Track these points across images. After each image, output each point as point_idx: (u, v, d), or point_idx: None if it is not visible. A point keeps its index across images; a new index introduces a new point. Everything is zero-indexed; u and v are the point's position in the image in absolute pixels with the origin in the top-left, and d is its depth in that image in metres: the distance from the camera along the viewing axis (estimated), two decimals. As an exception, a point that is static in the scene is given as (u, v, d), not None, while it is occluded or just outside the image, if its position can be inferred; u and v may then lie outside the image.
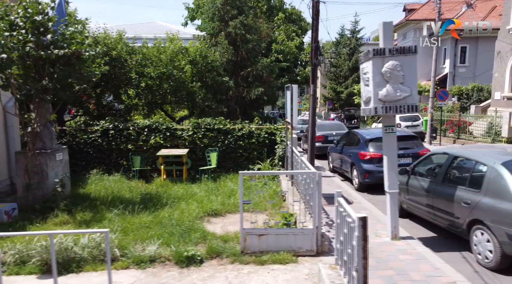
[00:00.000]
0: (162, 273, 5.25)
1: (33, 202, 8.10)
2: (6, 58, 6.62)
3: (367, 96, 6.10)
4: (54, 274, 3.89)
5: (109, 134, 11.18)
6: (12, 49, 6.77)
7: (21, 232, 5.69)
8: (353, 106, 39.41)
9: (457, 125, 21.98)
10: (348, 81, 44.06)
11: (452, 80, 32.33)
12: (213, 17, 15.16)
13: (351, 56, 45.22)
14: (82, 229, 6.39)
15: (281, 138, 11.02)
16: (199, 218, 7.49)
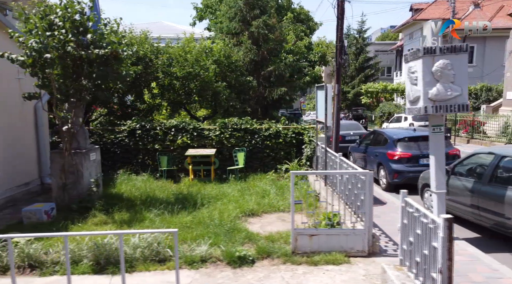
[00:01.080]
0: (216, 273, 5.22)
1: (69, 201, 8.11)
2: (50, 57, 6.62)
3: (415, 95, 6.04)
4: (123, 272, 3.86)
5: (136, 134, 11.18)
6: (54, 49, 6.76)
7: (90, 232, 5.68)
8: (361, 106, 39.24)
9: (471, 125, 21.84)
10: (355, 81, 43.93)
11: None
12: (234, 16, 15.14)
13: (357, 56, 45.08)
14: (142, 229, 6.37)
15: (309, 138, 10.96)
16: (237, 218, 7.47)
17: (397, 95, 37.51)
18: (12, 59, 6.89)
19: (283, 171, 11.04)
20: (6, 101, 8.61)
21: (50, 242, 5.82)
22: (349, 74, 44.83)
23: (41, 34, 6.76)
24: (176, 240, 3.95)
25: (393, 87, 36.42)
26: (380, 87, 37.03)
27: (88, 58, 7.15)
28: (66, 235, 3.96)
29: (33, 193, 9.60)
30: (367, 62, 44.80)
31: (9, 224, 7.39)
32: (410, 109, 6.34)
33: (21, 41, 6.74)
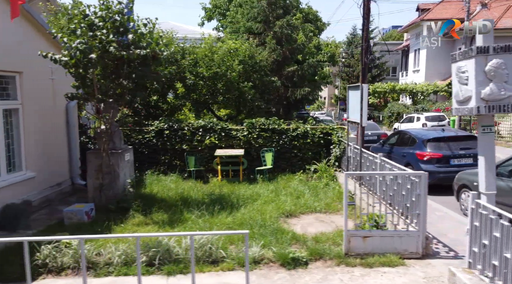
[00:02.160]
0: (271, 275, 5.19)
1: (105, 202, 8.11)
2: (94, 58, 6.62)
3: (465, 95, 5.96)
4: (193, 273, 3.82)
5: (164, 135, 11.17)
6: (96, 50, 6.76)
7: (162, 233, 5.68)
8: (368, 107, 38.99)
9: None
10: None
11: None
12: (256, 16, 15.10)
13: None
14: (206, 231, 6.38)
15: (338, 138, 10.90)
16: (277, 219, 7.42)
17: (404, 95, 37.28)
18: (55, 60, 6.89)
19: (312, 171, 10.99)
20: (40, 101, 8.62)
21: (101, 243, 5.80)
22: (355, 75, 44.70)
23: (84, 35, 6.75)
24: (247, 242, 3.92)
25: (401, 88, 36.21)
26: (389, 88, 36.84)
27: (129, 58, 7.13)
28: (138, 236, 3.93)
29: (65, 193, 9.61)
30: (374, 62, 44.62)
31: (50, 225, 7.40)
32: (459, 109, 6.26)
33: (66, 41, 6.73)
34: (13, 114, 7.91)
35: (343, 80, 46.14)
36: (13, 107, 7.87)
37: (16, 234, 6.94)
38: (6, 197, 7.39)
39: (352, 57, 45.38)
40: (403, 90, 36.58)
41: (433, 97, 33.18)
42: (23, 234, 6.93)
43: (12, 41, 7.67)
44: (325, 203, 8.41)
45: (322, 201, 8.50)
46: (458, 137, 11.01)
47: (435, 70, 34.24)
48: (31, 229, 7.20)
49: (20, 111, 8.02)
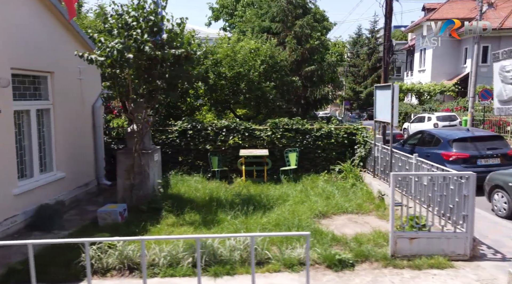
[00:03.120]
0: (319, 277, 5.13)
1: (136, 202, 8.08)
2: (131, 58, 6.59)
3: (510, 95, 5.89)
4: (253, 273, 3.76)
5: (188, 135, 11.13)
6: (133, 49, 6.73)
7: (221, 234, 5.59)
8: None
9: (497, 125, 21.56)
10: (368, 81, 43.54)
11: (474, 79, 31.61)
12: (275, 16, 15.04)
13: (370, 56, 44.70)
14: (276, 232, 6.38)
15: (363, 138, 10.82)
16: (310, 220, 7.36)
17: (410, 95, 36.92)
18: (91, 60, 6.86)
19: (336, 171, 10.92)
20: (70, 102, 8.61)
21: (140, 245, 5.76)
22: (361, 74, 44.56)
23: (121, 34, 6.73)
24: (308, 243, 3.85)
25: (408, 87, 35.97)
26: None
27: (163, 58, 7.10)
28: (197, 238, 3.87)
29: (91, 193, 9.60)
30: (380, 62, 44.40)
31: (84, 225, 7.38)
32: (502, 109, 6.20)
33: (103, 41, 6.70)
34: (45, 115, 7.90)
35: (348, 80, 45.99)
36: (45, 107, 7.86)
37: (51, 235, 6.93)
38: (39, 197, 7.39)
39: (358, 57, 45.24)
40: (410, 90, 36.35)
41: (439, 97, 32.94)
42: (58, 234, 6.94)
43: (45, 41, 7.66)
44: (356, 204, 8.34)
45: (353, 202, 8.43)
46: (485, 137, 10.89)
47: (441, 70, 33.97)
48: (65, 229, 7.19)
49: (51, 112, 8.01)
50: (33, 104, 7.46)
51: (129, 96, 7.31)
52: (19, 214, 6.83)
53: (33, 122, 7.45)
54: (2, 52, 6.38)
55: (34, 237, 6.80)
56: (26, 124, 7.34)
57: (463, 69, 32.71)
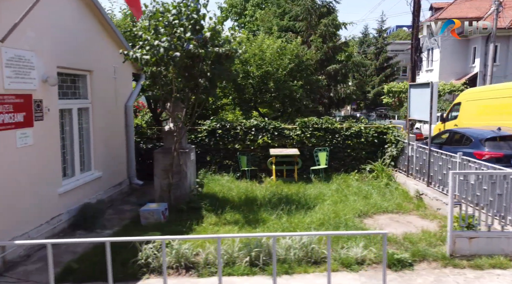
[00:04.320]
0: (379, 276, 5.04)
1: (174, 202, 8.04)
2: (178, 56, 6.55)
3: None
4: (329, 272, 3.71)
5: (217, 134, 11.09)
6: (180, 47, 6.70)
7: (301, 233, 5.59)
8: (383, 106, 38.48)
9: None
10: (375, 80, 43.27)
11: (482, 79, 31.39)
12: (299, 15, 14.99)
13: (378, 56, 44.42)
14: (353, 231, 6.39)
15: (395, 137, 10.73)
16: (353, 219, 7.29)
17: None
18: (136, 58, 6.84)
19: (367, 171, 10.84)
20: (106, 101, 8.60)
21: (198, 243, 5.73)
22: (368, 74, 44.30)
23: (167, 33, 6.70)
24: (385, 242, 3.80)
25: None
26: (405, 87, 36.25)
27: (206, 56, 7.06)
28: (274, 236, 3.84)
29: (124, 193, 9.58)
30: (387, 61, 44.17)
31: (126, 224, 7.35)
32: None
33: (149, 39, 6.67)
34: (84, 114, 7.89)
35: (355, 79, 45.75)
36: (85, 106, 7.85)
37: (95, 234, 6.91)
38: (79, 197, 7.37)
39: (365, 57, 45.06)
40: None
41: (448, 96, 32.60)
42: (101, 234, 6.92)
43: (85, 40, 7.65)
44: (395, 203, 8.26)
45: (392, 201, 8.35)
46: (515, 138, 10.74)
47: (449, 70, 33.66)
48: (108, 229, 7.17)
49: (90, 111, 8.00)
50: (75, 103, 7.45)
51: (172, 95, 7.27)
52: (63, 213, 6.81)
53: (75, 121, 7.44)
54: (50, 52, 6.37)
55: (79, 236, 6.79)
56: (68, 123, 7.33)
57: (471, 69, 32.46)
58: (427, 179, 8.74)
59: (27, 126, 5.77)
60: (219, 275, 3.56)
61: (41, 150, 6.14)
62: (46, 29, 6.21)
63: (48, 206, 6.37)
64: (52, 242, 3.69)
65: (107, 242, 3.73)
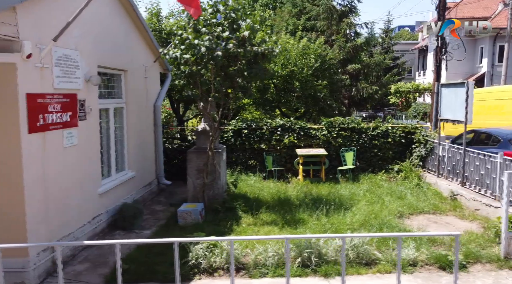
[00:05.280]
0: (435, 278, 4.99)
1: (207, 202, 7.99)
2: (220, 55, 6.50)
3: None
4: (398, 272, 3.63)
5: (242, 134, 11.04)
6: (221, 47, 6.65)
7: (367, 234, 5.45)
8: (391, 106, 38.18)
9: None
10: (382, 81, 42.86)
11: (490, 79, 31.08)
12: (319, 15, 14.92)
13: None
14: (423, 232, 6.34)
15: (423, 137, 10.63)
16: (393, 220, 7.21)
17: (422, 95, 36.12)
18: (175, 57, 6.80)
19: (395, 171, 10.75)
20: (138, 100, 8.58)
21: (245, 244, 5.67)
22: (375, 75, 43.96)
23: (209, 32, 6.65)
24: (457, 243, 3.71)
25: (424, 87, 35.33)
26: (413, 87, 35.98)
27: (244, 55, 7.00)
28: (343, 237, 3.77)
29: (153, 193, 9.55)
30: (394, 61, 43.85)
31: (162, 224, 7.32)
32: None
33: (190, 38, 6.62)
34: (118, 113, 7.86)
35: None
36: (120, 106, 7.82)
37: (134, 234, 6.87)
38: (116, 197, 7.34)
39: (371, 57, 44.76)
40: (426, 90, 35.71)
41: None
42: (140, 234, 6.89)
43: (121, 40, 7.64)
44: (431, 204, 8.17)
45: (427, 202, 8.26)
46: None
47: (456, 70, 33.25)
48: (146, 229, 7.14)
49: (124, 110, 7.97)
50: (111, 102, 7.43)
51: (210, 94, 7.23)
52: (102, 213, 6.78)
53: (111, 121, 7.41)
54: (92, 51, 6.35)
55: (119, 236, 6.76)
56: (105, 123, 7.30)
57: (478, 69, 32.17)
58: (462, 179, 8.63)
59: (72, 126, 5.74)
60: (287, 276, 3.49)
61: (84, 149, 6.12)
62: (88, 28, 6.19)
63: (90, 206, 6.34)
64: (120, 242, 3.63)
65: (175, 243, 3.67)
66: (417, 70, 44.83)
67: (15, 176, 4.64)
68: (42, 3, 4.96)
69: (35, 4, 4.79)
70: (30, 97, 4.73)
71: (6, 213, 4.67)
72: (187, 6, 5.43)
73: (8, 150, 4.59)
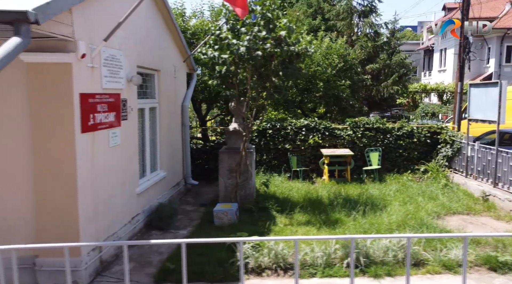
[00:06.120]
0: (487, 279, 4.96)
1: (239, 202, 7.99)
2: (260, 55, 6.50)
3: None
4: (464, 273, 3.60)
5: (267, 134, 11.03)
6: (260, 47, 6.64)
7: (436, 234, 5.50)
8: (398, 106, 37.92)
9: None
10: (388, 81, 42.57)
11: (497, 79, 30.71)
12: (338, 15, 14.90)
13: (390, 56, 43.78)
14: None
15: (450, 137, 10.57)
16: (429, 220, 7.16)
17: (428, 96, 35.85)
18: (213, 57, 6.80)
19: (421, 171, 10.69)
20: (168, 100, 8.59)
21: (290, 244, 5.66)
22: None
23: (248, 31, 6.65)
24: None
25: (432, 87, 35.13)
26: (420, 87, 35.73)
27: (281, 55, 6.99)
28: (409, 237, 3.76)
29: (181, 193, 9.55)
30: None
31: (197, 224, 7.31)
32: None
33: (229, 38, 6.62)
34: (152, 114, 7.88)
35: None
36: (154, 106, 7.84)
37: (170, 234, 6.87)
38: (150, 197, 7.35)
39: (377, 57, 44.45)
40: (433, 90, 35.44)
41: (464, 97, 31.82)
42: (176, 234, 6.89)
43: (156, 39, 7.65)
44: (463, 204, 8.12)
45: (460, 202, 8.22)
46: None
47: None
48: (181, 229, 7.14)
49: (157, 110, 7.99)
50: (147, 102, 7.45)
51: (246, 94, 7.23)
52: (140, 213, 6.80)
53: (147, 121, 7.43)
54: (132, 51, 6.37)
55: (156, 236, 6.77)
56: (141, 123, 7.31)
57: (486, 69, 31.88)
58: (494, 179, 8.57)
59: (116, 126, 5.75)
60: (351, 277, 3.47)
61: (125, 149, 6.13)
62: (130, 29, 6.20)
63: (130, 206, 6.36)
64: (186, 241, 3.63)
65: (240, 242, 3.67)
66: (423, 70, 44.59)
67: (69, 176, 4.65)
68: (92, 4, 4.97)
69: (87, 4, 4.81)
70: (83, 97, 4.75)
71: (62, 209, 4.68)
72: (233, 5, 5.43)
73: (63, 150, 4.60)
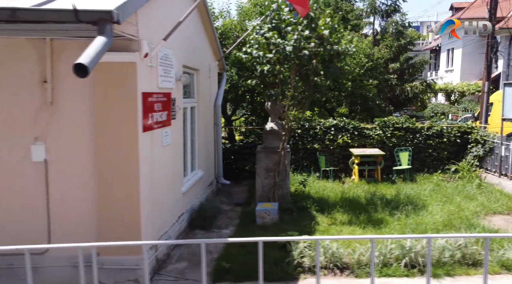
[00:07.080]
0: (548, 280, 4.91)
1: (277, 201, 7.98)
2: (307, 54, 6.50)
3: None
4: None
5: (296, 134, 11.01)
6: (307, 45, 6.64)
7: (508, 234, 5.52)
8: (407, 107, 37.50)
9: None
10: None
11: (505, 79, 30.42)
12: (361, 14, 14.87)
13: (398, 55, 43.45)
14: None
15: (481, 137, 10.51)
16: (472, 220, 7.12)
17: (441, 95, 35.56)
18: (258, 56, 6.80)
19: (451, 171, 10.63)
20: (205, 100, 8.62)
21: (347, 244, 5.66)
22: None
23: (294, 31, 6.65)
24: None
25: (440, 87, 34.93)
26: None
27: (323, 54, 6.99)
28: (488, 237, 3.72)
29: (214, 193, 9.56)
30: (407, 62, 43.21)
31: (238, 223, 7.31)
32: None
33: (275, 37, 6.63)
34: (191, 113, 7.90)
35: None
36: (193, 105, 7.86)
37: (213, 233, 6.88)
38: (191, 196, 7.36)
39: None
40: (441, 90, 35.16)
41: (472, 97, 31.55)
42: (219, 233, 6.91)
43: (196, 39, 7.68)
44: (503, 204, 8.07)
45: (499, 202, 8.16)
46: None
47: (471, 70, 32.66)
48: (223, 228, 7.15)
49: (196, 110, 8.01)
50: (189, 102, 7.48)
51: (289, 93, 7.23)
52: (184, 212, 6.82)
53: (188, 120, 7.46)
54: (179, 50, 6.39)
55: (200, 236, 6.78)
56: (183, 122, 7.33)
57: (494, 69, 31.54)
58: (532, 179, 8.52)
59: (168, 125, 5.77)
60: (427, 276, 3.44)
61: (174, 149, 6.16)
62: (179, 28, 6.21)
63: (177, 205, 6.39)
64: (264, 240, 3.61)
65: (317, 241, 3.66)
66: (429, 70, 44.36)
67: (132, 176, 4.66)
68: (150, 4, 4.99)
69: (147, 4, 4.83)
70: (144, 96, 4.77)
71: (124, 208, 4.70)
72: (295, 4, 5.43)
73: (127, 149, 4.62)
